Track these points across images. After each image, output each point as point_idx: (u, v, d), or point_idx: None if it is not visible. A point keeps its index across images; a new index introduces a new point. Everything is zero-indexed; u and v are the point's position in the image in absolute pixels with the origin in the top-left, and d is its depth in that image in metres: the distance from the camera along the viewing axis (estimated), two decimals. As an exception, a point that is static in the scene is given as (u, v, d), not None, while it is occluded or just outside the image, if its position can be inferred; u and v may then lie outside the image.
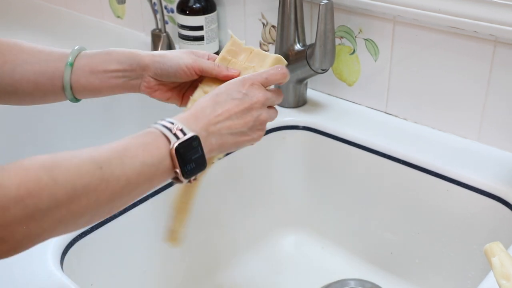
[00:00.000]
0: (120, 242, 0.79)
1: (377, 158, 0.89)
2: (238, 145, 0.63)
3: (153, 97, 0.72)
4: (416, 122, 0.94)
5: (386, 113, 0.97)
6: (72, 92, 0.70)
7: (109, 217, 0.76)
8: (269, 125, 0.95)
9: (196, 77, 0.69)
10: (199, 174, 0.59)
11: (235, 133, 0.61)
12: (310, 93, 1.03)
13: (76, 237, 0.73)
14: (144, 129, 0.57)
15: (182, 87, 0.73)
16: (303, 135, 0.97)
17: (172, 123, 0.57)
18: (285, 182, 1.01)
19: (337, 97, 1.03)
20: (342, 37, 0.97)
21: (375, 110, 0.98)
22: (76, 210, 0.50)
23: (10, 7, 1.52)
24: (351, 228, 0.97)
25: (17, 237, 0.47)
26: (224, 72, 0.68)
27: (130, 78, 0.70)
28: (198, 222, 0.93)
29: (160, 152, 0.55)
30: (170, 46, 1.20)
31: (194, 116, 0.59)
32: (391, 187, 0.89)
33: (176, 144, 0.55)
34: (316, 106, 1.01)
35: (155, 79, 0.70)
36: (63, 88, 0.69)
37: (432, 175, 0.84)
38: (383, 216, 0.92)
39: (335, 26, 0.94)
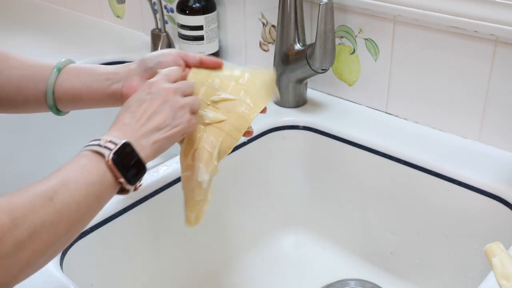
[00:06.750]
0: (120, 242, 0.79)
1: (377, 158, 0.89)
2: (170, 139, 0.62)
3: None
4: (416, 122, 0.94)
5: (386, 113, 0.97)
6: (53, 97, 0.69)
7: (109, 217, 0.75)
8: (269, 124, 0.96)
9: (182, 62, 0.70)
10: (143, 181, 0.61)
11: (162, 128, 0.61)
12: (310, 93, 1.03)
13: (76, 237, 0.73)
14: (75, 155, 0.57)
15: None
16: (303, 135, 0.97)
17: (99, 139, 0.57)
18: (285, 182, 1.00)
19: (337, 97, 1.03)
20: (342, 37, 0.97)
21: (375, 110, 0.98)
22: (39, 248, 0.49)
23: (10, 7, 1.52)
24: (351, 228, 0.97)
25: None
26: (206, 58, 0.71)
27: (112, 82, 0.69)
28: (198, 222, 0.93)
29: (98, 168, 0.56)
30: (169, 46, 1.19)
31: (117, 129, 0.60)
32: (391, 187, 0.89)
33: (111, 155, 0.56)
34: (316, 106, 1.01)
35: (140, 76, 0.69)
36: (45, 93, 0.69)
37: (432, 175, 0.84)
38: (383, 216, 0.92)
39: (335, 26, 0.94)
